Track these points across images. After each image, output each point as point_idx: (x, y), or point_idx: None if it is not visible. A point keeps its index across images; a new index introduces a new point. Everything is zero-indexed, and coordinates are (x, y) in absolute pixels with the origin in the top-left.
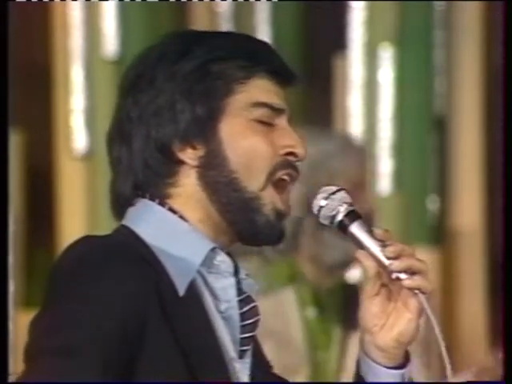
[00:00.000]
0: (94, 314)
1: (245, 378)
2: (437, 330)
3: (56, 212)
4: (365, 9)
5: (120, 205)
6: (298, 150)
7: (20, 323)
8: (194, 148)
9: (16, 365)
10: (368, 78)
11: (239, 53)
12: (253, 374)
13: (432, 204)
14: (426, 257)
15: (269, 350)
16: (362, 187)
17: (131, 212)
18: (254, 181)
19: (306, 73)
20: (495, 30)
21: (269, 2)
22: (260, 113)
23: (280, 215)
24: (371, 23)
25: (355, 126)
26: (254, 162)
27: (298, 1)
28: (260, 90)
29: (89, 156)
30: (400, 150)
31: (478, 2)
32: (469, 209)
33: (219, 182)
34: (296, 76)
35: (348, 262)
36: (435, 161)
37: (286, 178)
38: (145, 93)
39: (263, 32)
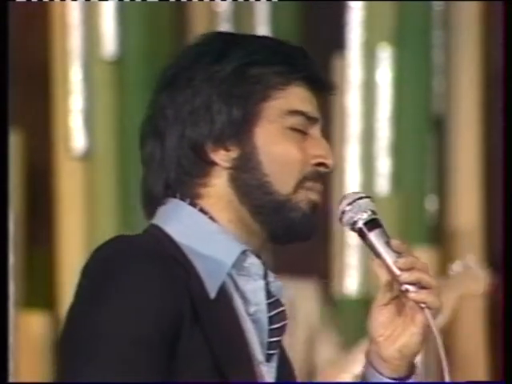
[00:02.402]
0: (134, 314)
1: (271, 381)
2: (440, 348)
3: (55, 211)
4: (363, 9)
5: (151, 203)
6: (329, 161)
7: (18, 323)
8: (226, 150)
9: (15, 364)
10: (366, 78)
11: (277, 58)
12: (277, 378)
13: (430, 204)
14: (424, 257)
15: None
16: None
17: (162, 211)
18: (284, 185)
19: None
20: (494, 30)
21: (268, 2)
22: (295, 121)
23: (314, 207)
24: (369, 23)
25: (353, 126)
26: (286, 168)
27: (297, 1)
28: (296, 97)
29: (87, 156)
30: (398, 149)
31: (476, 2)
32: (467, 209)
33: (251, 184)
34: (332, 84)
35: None
36: (433, 161)
37: (310, 188)
38: (181, 92)
39: (262, 32)
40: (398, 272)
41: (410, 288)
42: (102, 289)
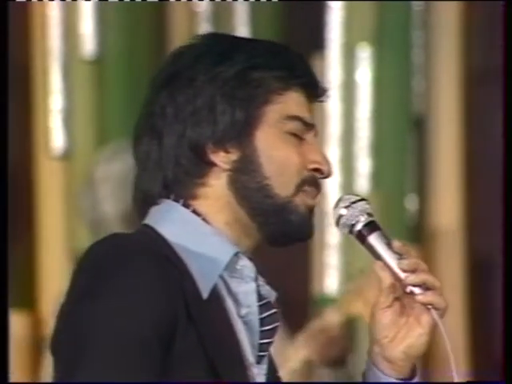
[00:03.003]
0: (130, 313)
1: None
2: (448, 347)
3: (35, 211)
4: (343, 9)
5: (145, 203)
6: (325, 168)
7: None
8: (226, 152)
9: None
10: (346, 78)
11: (278, 63)
12: (267, 380)
13: (410, 203)
14: None
15: None
16: None
17: (154, 212)
18: (284, 188)
19: None
20: (473, 29)
21: (247, 2)
22: (293, 126)
23: (311, 211)
24: (349, 23)
25: (333, 126)
26: (286, 172)
27: (277, 1)
28: (295, 103)
29: (67, 156)
30: (378, 149)
31: (456, 2)
32: (447, 208)
33: (250, 187)
34: (327, 91)
35: None
36: (413, 160)
37: (308, 193)
38: (183, 91)
39: (242, 32)
40: (402, 274)
41: (415, 290)
42: (98, 287)
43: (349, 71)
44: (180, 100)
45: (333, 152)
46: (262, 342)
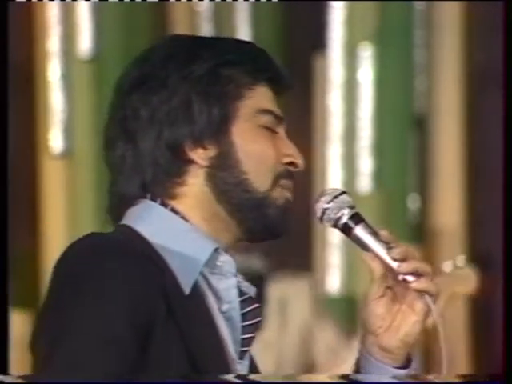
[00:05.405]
0: (106, 312)
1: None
2: (441, 333)
3: (36, 210)
4: (344, 8)
5: (121, 206)
6: (298, 161)
7: None
8: (204, 148)
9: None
10: (348, 78)
11: (245, 58)
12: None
13: (412, 203)
14: None
15: None
16: None
17: (131, 212)
18: (262, 183)
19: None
20: (475, 29)
21: (249, 1)
22: (266, 119)
23: (288, 207)
24: (351, 22)
25: (335, 125)
26: (263, 166)
27: (278, 0)
28: (264, 97)
29: (67, 154)
30: (380, 149)
31: (457, 1)
32: (449, 208)
33: (229, 182)
34: (291, 85)
35: None
36: (415, 160)
37: (284, 187)
38: (156, 92)
39: (243, 32)
40: (393, 263)
41: (408, 278)
42: (75, 288)
43: (351, 70)
44: (155, 101)
45: (335, 151)
46: (244, 337)
